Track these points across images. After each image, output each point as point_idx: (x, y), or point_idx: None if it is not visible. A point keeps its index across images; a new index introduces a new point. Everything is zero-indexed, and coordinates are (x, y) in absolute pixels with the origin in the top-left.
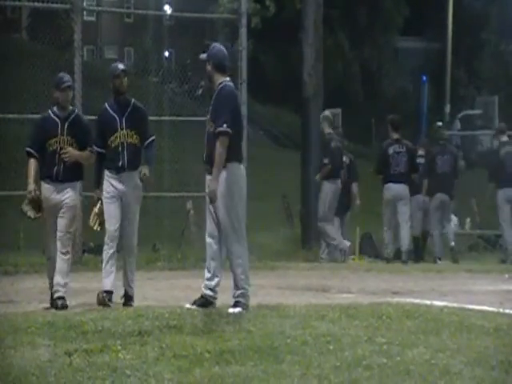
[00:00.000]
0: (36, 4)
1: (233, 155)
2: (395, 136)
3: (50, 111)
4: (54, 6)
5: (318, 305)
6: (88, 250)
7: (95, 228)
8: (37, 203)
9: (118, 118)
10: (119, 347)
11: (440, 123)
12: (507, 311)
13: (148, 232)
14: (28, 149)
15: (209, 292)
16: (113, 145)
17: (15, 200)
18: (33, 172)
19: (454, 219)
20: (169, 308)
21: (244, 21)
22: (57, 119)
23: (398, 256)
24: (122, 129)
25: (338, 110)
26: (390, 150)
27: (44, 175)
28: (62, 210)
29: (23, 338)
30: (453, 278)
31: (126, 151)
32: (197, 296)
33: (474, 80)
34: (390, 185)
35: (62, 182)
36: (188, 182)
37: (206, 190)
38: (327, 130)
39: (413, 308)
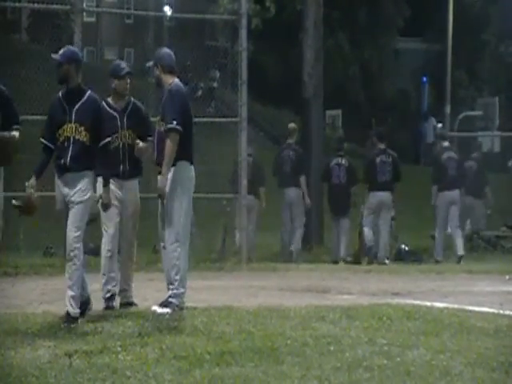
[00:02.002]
0: (36, 5)
1: (182, 154)
2: (382, 146)
3: (104, 103)
4: (54, 6)
5: (318, 306)
6: (88, 251)
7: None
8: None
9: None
10: (119, 348)
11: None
12: (507, 312)
13: (148, 233)
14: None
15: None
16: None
17: None
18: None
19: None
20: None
21: (244, 22)
22: (114, 112)
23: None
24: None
25: (338, 111)
26: (377, 160)
27: (108, 174)
28: (129, 209)
29: (23, 340)
30: (453, 279)
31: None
32: (197, 296)
33: (474, 81)
34: (376, 192)
35: (127, 180)
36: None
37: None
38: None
39: (413, 309)
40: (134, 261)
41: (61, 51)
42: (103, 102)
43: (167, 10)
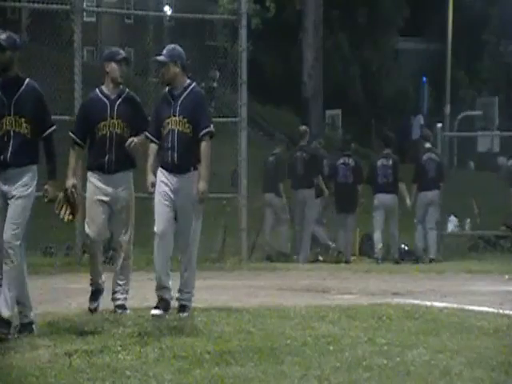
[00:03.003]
0: (36, 5)
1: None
2: (386, 151)
3: (97, 90)
4: (54, 6)
5: (318, 306)
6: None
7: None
8: (73, 203)
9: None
10: (119, 348)
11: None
12: (507, 312)
13: (148, 232)
14: (71, 134)
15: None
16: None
17: None
18: (74, 163)
19: (454, 220)
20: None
21: (244, 21)
22: (105, 99)
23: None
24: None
25: (338, 111)
26: (379, 163)
27: (93, 166)
28: (118, 206)
29: (23, 339)
30: (453, 279)
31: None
32: (197, 295)
33: (474, 81)
34: (379, 195)
35: (114, 173)
36: None
37: (163, 188)
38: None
39: (413, 309)
40: (129, 265)
41: (3, 36)
42: (96, 89)
43: (167, 9)
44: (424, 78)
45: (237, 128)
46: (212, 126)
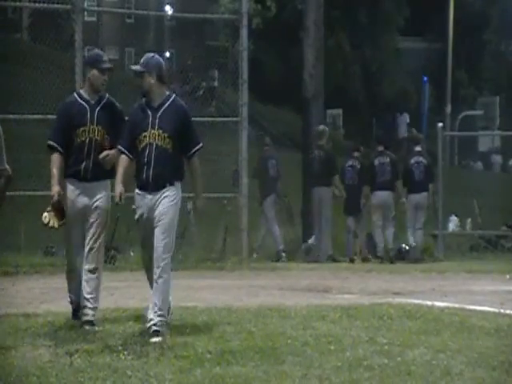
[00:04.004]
0: (37, 4)
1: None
2: (380, 148)
3: (75, 95)
4: (55, 6)
5: (318, 305)
6: None
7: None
8: (60, 209)
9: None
10: (120, 348)
11: None
12: (508, 312)
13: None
14: (50, 142)
15: None
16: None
17: (16, 200)
18: (56, 170)
19: (455, 219)
20: (170, 308)
21: (245, 21)
22: (85, 104)
23: (398, 256)
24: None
25: (339, 111)
26: (376, 162)
27: (69, 173)
28: (92, 216)
29: (24, 339)
30: (454, 279)
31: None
32: (198, 295)
33: (474, 80)
34: (377, 192)
35: (90, 181)
36: (189, 182)
37: (141, 211)
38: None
39: (414, 308)
40: (97, 278)
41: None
42: (74, 94)
43: (168, 9)
44: (425, 78)
45: (237, 127)
46: (200, 140)
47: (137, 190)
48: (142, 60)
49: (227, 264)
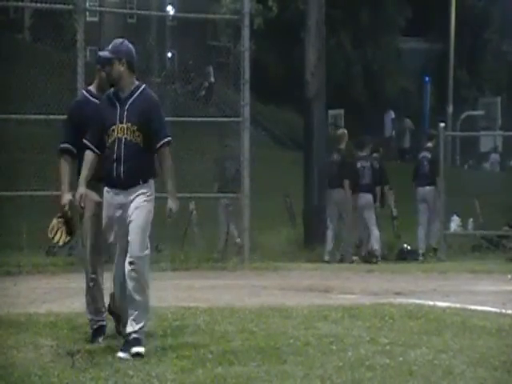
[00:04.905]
0: (39, 5)
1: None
2: (362, 154)
3: (86, 93)
4: (57, 6)
5: (320, 305)
6: None
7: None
8: (69, 221)
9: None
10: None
11: None
12: (509, 312)
13: (151, 233)
14: (66, 145)
15: None
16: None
17: (18, 200)
18: (67, 176)
19: (457, 219)
20: (171, 309)
21: (246, 21)
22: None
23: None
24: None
25: (340, 111)
26: (358, 165)
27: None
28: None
29: (26, 339)
30: (455, 279)
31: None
32: (199, 295)
33: (476, 81)
34: (360, 194)
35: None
36: (191, 182)
37: (109, 213)
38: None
39: (415, 308)
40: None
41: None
42: (84, 92)
43: (170, 9)
44: (426, 78)
45: (239, 128)
46: (169, 135)
47: (106, 188)
48: (110, 46)
49: (229, 264)
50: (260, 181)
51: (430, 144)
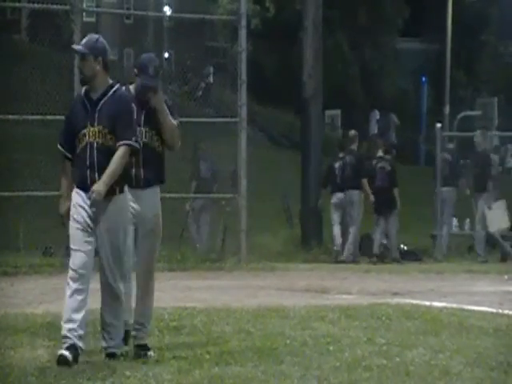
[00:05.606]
0: (36, 5)
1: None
2: (341, 155)
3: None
4: (54, 7)
5: (317, 306)
6: None
7: None
8: None
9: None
10: None
11: None
12: (506, 312)
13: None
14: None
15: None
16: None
17: (15, 201)
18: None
19: (454, 220)
20: (168, 309)
21: (243, 22)
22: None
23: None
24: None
25: (338, 111)
26: (336, 165)
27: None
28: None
29: (23, 339)
30: (452, 279)
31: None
32: (196, 296)
33: (473, 81)
34: (336, 193)
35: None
36: (188, 182)
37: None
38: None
39: (412, 309)
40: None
41: None
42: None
43: (167, 10)
44: (423, 78)
45: (236, 128)
46: (134, 139)
47: (77, 190)
48: (84, 41)
49: (226, 264)
50: (257, 181)
51: (452, 146)
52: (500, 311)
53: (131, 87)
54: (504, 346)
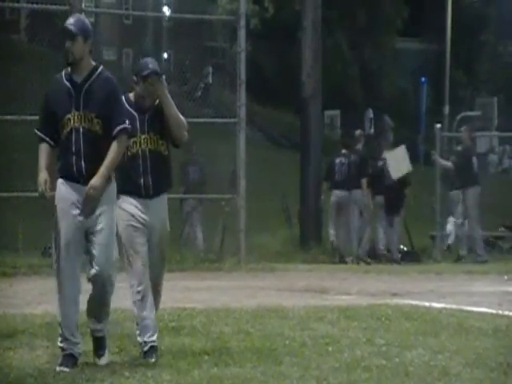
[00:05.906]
0: (34, 6)
1: None
2: (343, 151)
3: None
4: (53, 7)
5: (316, 306)
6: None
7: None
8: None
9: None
10: (117, 349)
11: None
12: (506, 313)
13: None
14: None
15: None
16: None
17: (14, 201)
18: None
19: (453, 220)
20: (168, 310)
21: (242, 22)
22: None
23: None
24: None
25: (337, 112)
26: (337, 161)
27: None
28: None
29: (22, 340)
30: (451, 280)
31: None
32: (195, 296)
33: (472, 81)
34: (334, 191)
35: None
36: (183, 183)
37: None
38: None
39: (411, 309)
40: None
41: None
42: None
43: (166, 10)
44: (423, 79)
45: (235, 128)
46: (127, 121)
47: (61, 180)
48: (72, 20)
49: (225, 265)
50: (256, 181)
51: (460, 148)
52: (499, 312)
53: (131, 95)
54: (503, 346)
